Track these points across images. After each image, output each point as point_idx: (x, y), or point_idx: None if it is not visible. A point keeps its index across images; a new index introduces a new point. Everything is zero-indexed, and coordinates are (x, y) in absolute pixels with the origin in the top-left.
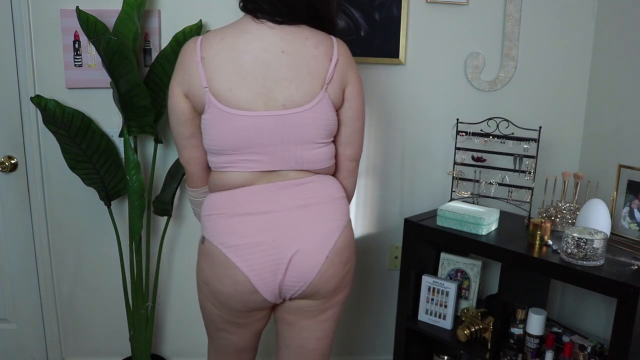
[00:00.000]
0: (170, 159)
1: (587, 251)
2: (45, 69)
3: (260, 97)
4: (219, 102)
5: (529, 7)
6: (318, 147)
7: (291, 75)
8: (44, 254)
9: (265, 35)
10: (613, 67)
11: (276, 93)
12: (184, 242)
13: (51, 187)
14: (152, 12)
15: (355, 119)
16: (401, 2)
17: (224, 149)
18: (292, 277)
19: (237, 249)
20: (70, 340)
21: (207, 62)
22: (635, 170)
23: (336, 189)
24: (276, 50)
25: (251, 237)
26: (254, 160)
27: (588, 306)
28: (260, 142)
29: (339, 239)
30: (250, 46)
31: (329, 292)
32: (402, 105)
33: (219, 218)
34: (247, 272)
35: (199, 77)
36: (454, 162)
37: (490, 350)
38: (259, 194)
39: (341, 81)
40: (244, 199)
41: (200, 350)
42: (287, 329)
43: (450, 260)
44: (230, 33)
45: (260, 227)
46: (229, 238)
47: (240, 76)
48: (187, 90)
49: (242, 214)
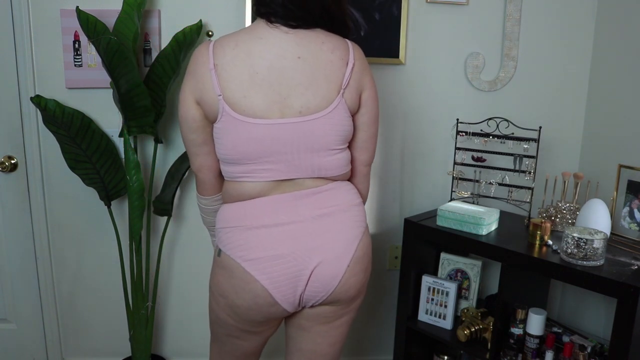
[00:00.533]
0: (170, 159)
1: (587, 251)
2: (45, 69)
3: (276, 105)
4: (233, 110)
5: (529, 7)
6: (335, 154)
7: (308, 81)
8: (44, 254)
9: (280, 40)
10: (613, 67)
11: (292, 100)
12: (184, 242)
13: (51, 187)
14: (152, 12)
15: (370, 124)
16: (401, 2)
17: (238, 158)
18: (314, 288)
19: (257, 262)
20: (70, 340)
21: (220, 69)
22: (635, 170)
23: (354, 195)
24: (292, 56)
25: (271, 250)
26: (270, 169)
27: (588, 306)
28: (277, 150)
29: (358, 246)
30: (265, 52)
31: (349, 299)
32: (402, 105)
33: (236, 231)
34: (267, 285)
35: (212, 84)
36: (454, 162)
37: (490, 350)
38: (277, 205)
39: (357, 86)
40: (261, 210)
41: (200, 350)
42: (301, 334)
43: (450, 260)
44: (244, 39)
45: (280, 239)
46: (248, 251)
47: (255, 83)
48: (199, 98)
49: (260, 227)
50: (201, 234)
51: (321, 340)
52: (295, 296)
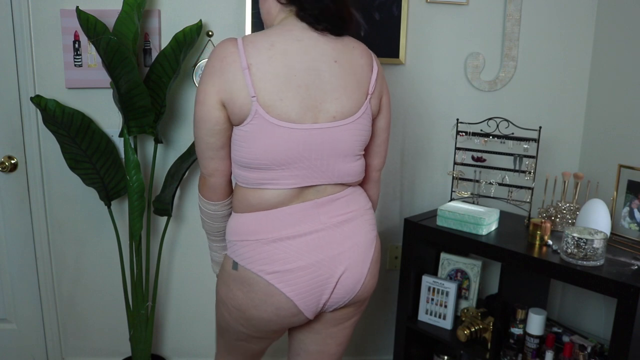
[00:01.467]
0: (170, 159)
1: (587, 251)
2: (45, 69)
3: (310, 109)
4: (267, 113)
5: (529, 7)
6: (356, 160)
7: (343, 86)
8: (44, 254)
9: (318, 43)
10: (613, 67)
11: (327, 104)
12: (184, 242)
13: (51, 187)
14: (152, 12)
15: (385, 128)
16: (401, 2)
17: (267, 164)
18: (340, 294)
19: (281, 275)
20: (70, 340)
21: (255, 70)
22: (635, 170)
23: (366, 199)
24: (329, 59)
25: (295, 262)
26: (297, 175)
27: (588, 306)
28: (307, 156)
29: (375, 249)
30: (303, 54)
31: (365, 300)
32: (402, 105)
33: (256, 244)
34: (292, 296)
35: (245, 85)
36: (454, 162)
37: (490, 350)
38: (298, 215)
39: (379, 92)
40: (283, 221)
41: (200, 350)
42: (311, 336)
43: (450, 260)
44: (280, 39)
45: (304, 250)
46: (271, 265)
47: (292, 86)
48: (228, 99)
49: (283, 239)
50: (201, 234)
51: (330, 341)
52: (319, 304)
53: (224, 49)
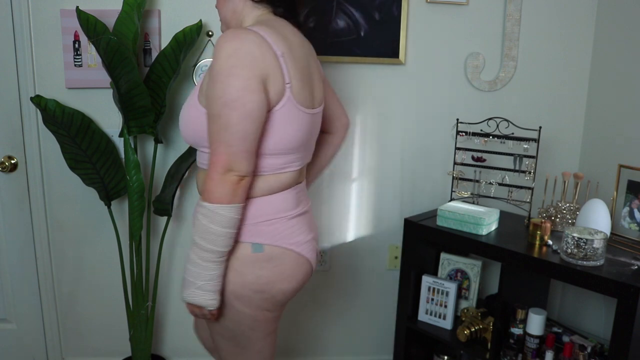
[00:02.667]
0: (170, 159)
1: (587, 251)
2: (45, 69)
3: (311, 95)
4: (294, 99)
5: (529, 7)
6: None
7: (318, 74)
8: (44, 254)
9: (297, 33)
10: (613, 67)
11: (316, 91)
12: (184, 242)
13: (51, 187)
14: (152, 12)
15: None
16: (401, 2)
17: (292, 147)
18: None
19: (305, 245)
20: (70, 340)
21: (287, 58)
22: (635, 170)
23: None
24: (311, 51)
25: (309, 234)
26: (300, 157)
27: (588, 306)
28: (308, 138)
29: None
30: (298, 46)
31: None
32: (401, 105)
33: (281, 221)
34: (312, 261)
35: (281, 72)
36: (454, 162)
37: (490, 350)
38: (302, 193)
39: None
40: (296, 198)
41: (201, 350)
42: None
43: (450, 260)
44: (281, 33)
45: (309, 222)
46: (297, 238)
47: (305, 74)
48: (269, 84)
49: (299, 214)
50: None
51: None
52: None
53: (252, 39)
